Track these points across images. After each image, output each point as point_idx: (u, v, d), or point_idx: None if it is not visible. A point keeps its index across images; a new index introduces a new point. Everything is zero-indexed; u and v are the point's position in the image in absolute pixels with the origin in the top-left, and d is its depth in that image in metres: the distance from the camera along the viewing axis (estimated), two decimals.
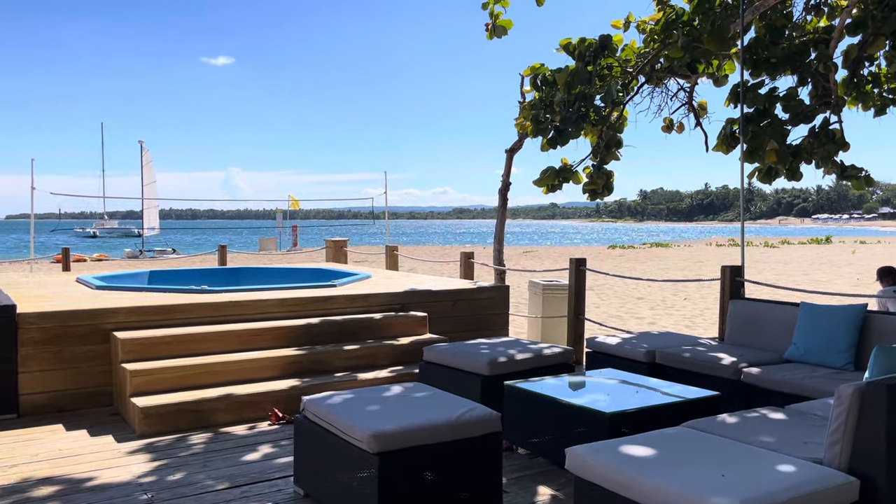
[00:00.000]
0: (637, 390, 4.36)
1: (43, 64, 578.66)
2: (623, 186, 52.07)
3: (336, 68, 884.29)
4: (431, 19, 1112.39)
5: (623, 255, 36.69)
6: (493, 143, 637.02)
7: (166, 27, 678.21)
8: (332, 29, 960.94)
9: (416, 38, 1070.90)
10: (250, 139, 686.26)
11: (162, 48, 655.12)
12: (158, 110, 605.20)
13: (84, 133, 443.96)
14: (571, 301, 7.43)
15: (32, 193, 15.73)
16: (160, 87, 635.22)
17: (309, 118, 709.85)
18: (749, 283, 6.60)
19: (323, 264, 11.78)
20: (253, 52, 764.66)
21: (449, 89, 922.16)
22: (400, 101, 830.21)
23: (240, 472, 4.23)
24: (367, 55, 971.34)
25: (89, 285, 7.46)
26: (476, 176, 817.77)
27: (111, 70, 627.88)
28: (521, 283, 16.89)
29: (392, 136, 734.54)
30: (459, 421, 3.43)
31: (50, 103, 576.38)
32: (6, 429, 5.07)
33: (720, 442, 3.01)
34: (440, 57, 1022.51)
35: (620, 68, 7.54)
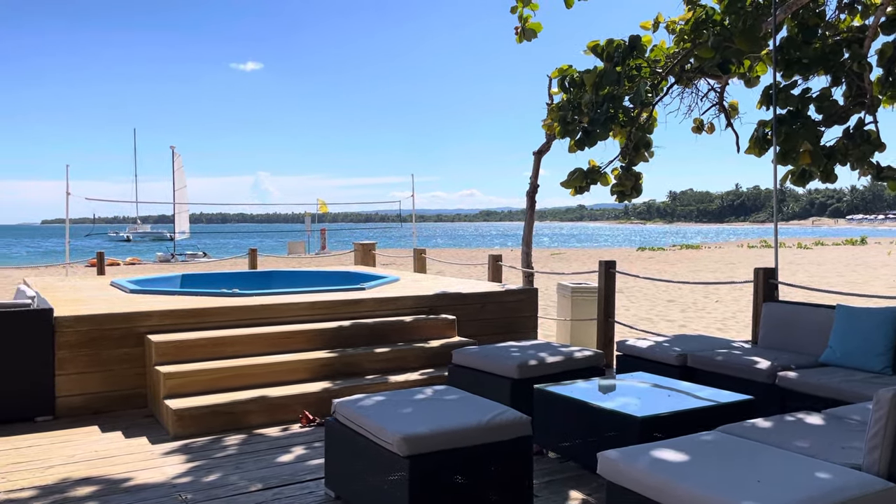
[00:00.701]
0: (669, 394, 4.31)
1: (77, 70, 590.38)
2: (652, 188, 51.98)
3: (363, 72, 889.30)
4: (459, 23, 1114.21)
5: (652, 256, 36.34)
6: (520, 145, 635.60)
7: (197, 34, 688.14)
8: (360, 33, 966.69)
9: (443, 42, 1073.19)
10: (279, 143, 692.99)
11: (192, 55, 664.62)
12: (189, 116, 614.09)
13: (117, 139, 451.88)
14: (601, 303, 7.38)
15: (67, 199, 16.04)
16: (191, 93, 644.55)
17: (337, 122, 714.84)
18: (783, 286, 6.50)
19: (351, 267, 11.85)
20: (281, 58, 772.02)
21: (476, 92, 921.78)
22: (427, 104, 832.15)
23: (272, 473, 4.26)
24: (395, 58, 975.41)
25: (123, 289, 7.59)
26: (503, 178, 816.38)
27: (143, 76, 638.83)
28: (550, 285, 16.81)
29: (419, 140, 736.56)
30: (490, 424, 3.43)
31: (84, 110, 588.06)
32: (43, 430, 5.18)
33: (756, 447, 2.97)
34: (468, 60, 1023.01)
35: (650, 69, 7.48)
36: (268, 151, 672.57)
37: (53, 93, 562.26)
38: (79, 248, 50.19)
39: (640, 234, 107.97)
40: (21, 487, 4.02)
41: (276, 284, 10.27)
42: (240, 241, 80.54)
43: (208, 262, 33.44)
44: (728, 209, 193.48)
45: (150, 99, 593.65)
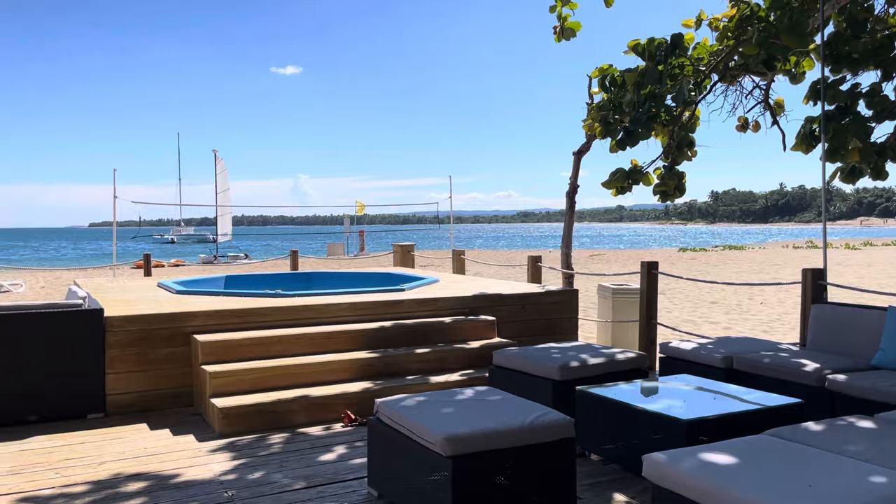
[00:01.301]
0: (714, 397, 4.25)
1: (122, 75, 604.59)
2: (693, 187, 50.67)
3: (402, 75, 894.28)
4: (497, 24, 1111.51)
5: (694, 258, 35.77)
6: (558, 145, 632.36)
7: (238, 40, 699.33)
8: (399, 37, 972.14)
9: (482, 43, 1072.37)
10: (317, 146, 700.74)
11: (234, 60, 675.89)
12: (230, 120, 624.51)
13: (162, 143, 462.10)
14: (643, 305, 7.29)
15: (115, 202, 16.46)
16: (232, 98, 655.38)
17: (375, 124, 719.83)
18: (831, 287, 6.34)
19: (391, 268, 11.92)
20: (320, 62, 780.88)
21: (514, 93, 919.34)
22: (465, 105, 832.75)
23: (315, 472, 4.31)
24: (434, 61, 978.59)
25: (170, 290, 7.76)
26: (540, 179, 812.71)
27: (186, 81, 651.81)
28: (590, 286, 16.67)
29: (457, 141, 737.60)
30: (533, 425, 3.42)
31: (130, 114, 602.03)
32: (95, 427, 5.32)
33: (806, 451, 2.91)
34: (506, 61, 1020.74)
35: (692, 67, 7.37)
36: (307, 154, 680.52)
37: (100, 97, 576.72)
38: (125, 251, 51.42)
39: (681, 234, 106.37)
40: (75, 482, 4.14)
41: (317, 285, 10.39)
42: (280, 242, 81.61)
43: (250, 263, 33.97)
44: (772, 209, 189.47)
45: (193, 104, 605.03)
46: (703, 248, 47.48)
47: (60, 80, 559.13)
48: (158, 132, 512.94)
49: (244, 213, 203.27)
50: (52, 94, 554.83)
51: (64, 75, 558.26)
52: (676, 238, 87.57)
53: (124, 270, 26.84)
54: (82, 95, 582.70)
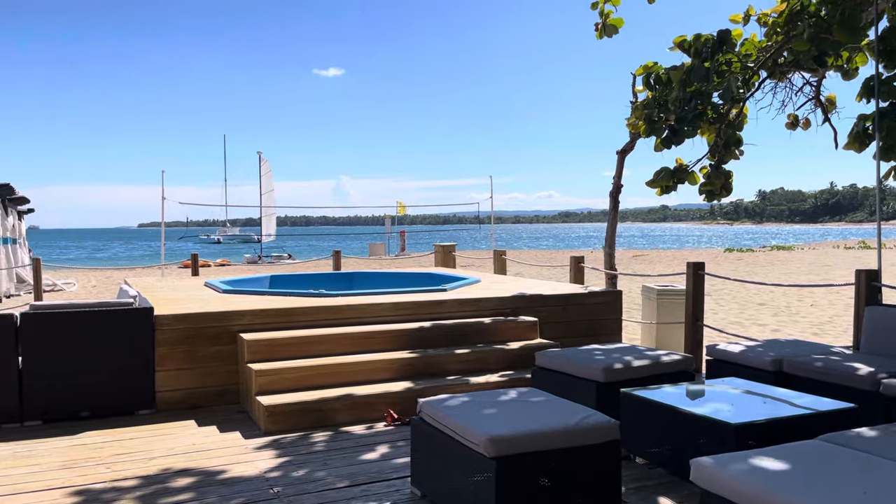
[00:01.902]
0: (764, 401, 4.15)
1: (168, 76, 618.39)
2: (739, 187, 49.61)
3: (442, 75, 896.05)
4: (537, 22, 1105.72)
5: (741, 258, 35.04)
6: (599, 145, 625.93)
7: (281, 42, 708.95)
8: (439, 37, 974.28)
9: (523, 41, 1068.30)
10: (359, 147, 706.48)
11: (277, 63, 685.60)
12: (274, 122, 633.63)
13: (208, 145, 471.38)
14: (689, 306, 7.17)
15: (163, 203, 16.83)
16: (276, 100, 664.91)
17: (416, 125, 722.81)
18: (887, 289, 6.14)
19: (432, 269, 11.95)
20: (361, 63, 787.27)
21: (555, 91, 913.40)
22: (505, 105, 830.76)
23: (359, 470, 4.34)
24: (474, 60, 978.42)
25: (217, 289, 7.90)
26: (582, 179, 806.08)
27: (231, 85, 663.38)
28: (633, 287, 16.45)
29: (497, 141, 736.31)
30: (577, 427, 3.39)
31: (177, 117, 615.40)
32: (145, 423, 5.45)
33: (861, 457, 2.82)
34: (547, 59, 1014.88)
35: (740, 63, 7.21)
36: (348, 155, 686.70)
37: (148, 100, 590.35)
38: (172, 250, 52.55)
39: (726, 234, 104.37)
40: (125, 477, 4.24)
41: (359, 285, 10.47)
42: (322, 242, 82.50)
43: (293, 263, 34.41)
44: (822, 209, 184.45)
45: (237, 106, 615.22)
46: (750, 249, 46.47)
47: (110, 82, 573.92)
48: (204, 134, 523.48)
49: (287, 214, 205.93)
50: (103, 97, 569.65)
51: (113, 78, 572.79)
52: (722, 238, 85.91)
53: (172, 270, 27.43)
54: (130, 98, 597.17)
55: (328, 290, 8.08)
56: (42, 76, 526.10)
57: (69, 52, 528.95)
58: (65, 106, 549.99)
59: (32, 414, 5.42)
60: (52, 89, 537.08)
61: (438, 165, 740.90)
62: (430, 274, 10.37)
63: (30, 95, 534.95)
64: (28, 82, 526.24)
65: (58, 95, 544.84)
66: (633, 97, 8.31)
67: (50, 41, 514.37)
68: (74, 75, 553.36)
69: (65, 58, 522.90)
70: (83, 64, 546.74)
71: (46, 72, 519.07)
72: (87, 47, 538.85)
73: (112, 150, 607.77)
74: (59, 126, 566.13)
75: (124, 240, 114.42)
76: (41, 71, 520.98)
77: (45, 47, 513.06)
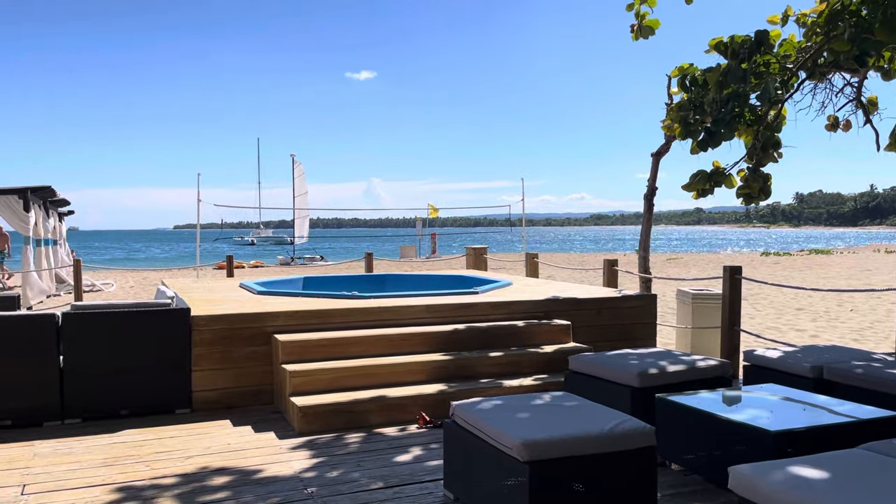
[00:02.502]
0: (804, 408, 4.07)
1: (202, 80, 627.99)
2: (776, 189, 48.32)
3: (474, 76, 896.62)
4: (571, 23, 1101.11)
5: (778, 262, 34.43)
6: (632, 147, 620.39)
7: (314, 46, 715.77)
8: (470, 39, 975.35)
9: (555, 43, 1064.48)
10: (390, 149, 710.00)
11: (310, 66, 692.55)
12: (307, 124, 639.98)
13: (241, 147, 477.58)
14: (725, 311, 7.06)
15: (199, 205, 17.09)
16: (309, 103, 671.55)
17: (447, 127, 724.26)
18: None
19: (463, 271, 11.95)
20: (393, 66, 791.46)
21: (587, 93, 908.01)
22: (537, 107, 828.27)
23: (392, 472, 4.36)
24: (506, 61, 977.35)
25: (251, 290, 8.00)
26: (614, 181, 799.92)
27: (264, 88, 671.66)
28: (667, 291, 16.27)
29: (528, 143, 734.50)
30: (612, 433, 3.36)
31: (211, 120, 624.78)
32: (182, 422, 5.53)
33: None
34: (580, 60, 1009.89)
35: (779, 65, 7.09)
36: (380, 158, 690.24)
37: (184, 104, 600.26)
38: (207, 252, 53.31)
39: (763, 238, 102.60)
40: (164, 475, 4.32)
41: (392, 287, 10.51)
42: (354, 244, 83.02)
43: (325, 265, 34.68)
44: (862, 212, 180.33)
45: (271, 109, 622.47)
46: (788, 252, 45.63)
47: (147, 88, 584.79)
48: (238, 137, 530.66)
49: (319, 216, 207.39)
50: (140, 102, 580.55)
51: (150, 83, 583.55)
52: (758, 241, 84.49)
53: (207, 271, 27.82)
54: (167, 102, 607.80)
55: (361, 291, 8.13)
56: (84, 83, 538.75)
57: (107, 58, 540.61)
58: (103, 111, 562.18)
59: (73, 412, 5.55)
60: (93, 95, 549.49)
61: (470, 168, 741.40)
62: (461, 276, 10.37)
63: (72, 101, 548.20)
64: (71, 89, 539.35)
65: (98, 101, 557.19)
66: (669, 99, 8.22)
67: (89, 48, 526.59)
68: (114, 81, 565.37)
69: (105, 63, 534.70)
70: (121, 70, 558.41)
71: (87, 78, 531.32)
72: (123, 54, 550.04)
73: (149, 154, 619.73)
74: (98, 130, 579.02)
75: (160, 241, 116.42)
76: (83, 77, 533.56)
77: (85, 55, 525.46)
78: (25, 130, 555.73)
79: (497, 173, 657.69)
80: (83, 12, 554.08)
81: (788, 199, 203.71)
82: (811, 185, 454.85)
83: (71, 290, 18.88)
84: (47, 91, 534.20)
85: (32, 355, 5.44)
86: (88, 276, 22.74)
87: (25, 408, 5.41)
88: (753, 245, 71.98)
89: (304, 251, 51.30)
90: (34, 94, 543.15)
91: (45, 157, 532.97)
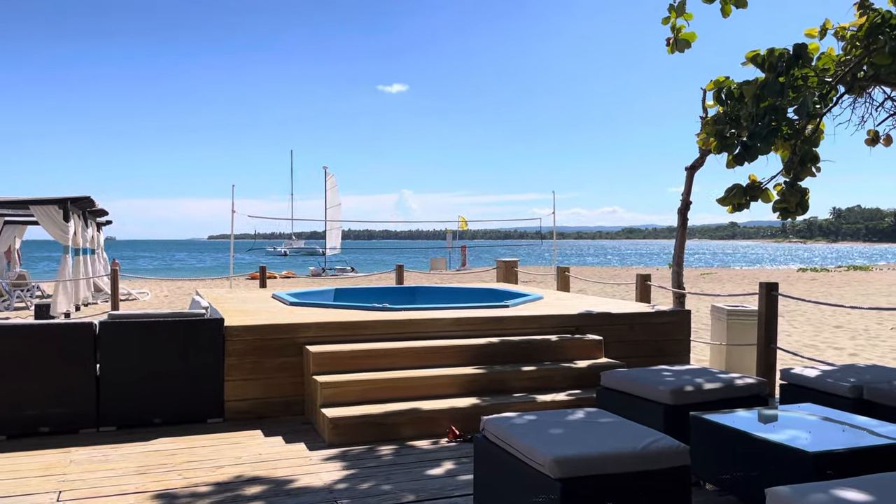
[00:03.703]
0: (843, 429, 3.97)
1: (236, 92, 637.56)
2: (813, 204, 47.00)
3: (506, 90, 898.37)
4: (605, 36, 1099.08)
5: (815, 278, 33.76)
6: (666, 160, 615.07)
7: (346, 59, 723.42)
8: (501, 51, 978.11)
9: (588, 55, 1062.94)
10: (421, 162, 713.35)
11: (342, 79, 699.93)
12: (339, 137, 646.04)
13: (274, 159, 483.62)
14: (761, 328, 6.94)
15: (233, 216, 17.33)
16: (341, 115, 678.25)
17: (478, 140, 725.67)
18: None
19: (494, 284, 11.91)
20: (425, 79, 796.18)
21: (620, 105, 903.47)
22: (569, 120, 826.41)
23: (422, 486, 4.35)
24: (538, 74, 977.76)
25: (283, 301, 8.06)
26: (647, 195, 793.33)
27: (298, 100, 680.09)
28: (700, 307, 16.04)
29: (560, 156, 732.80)
30: (646, 451, 3.31)
31: (245, 132, 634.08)
32: (215, 432, 5.58)
33: None
34: (611, 73, 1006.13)
35: (817, 78, 6.98)
36: (411, 170, 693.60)
37: (218, 116, 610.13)
38: (240, 262, 53.95)
39: (799, 253, 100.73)
40: (196, 484, 4.36)
41: (422, 300, 10.52)
42: (384, 256, 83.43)
43: (355, 276, 34.87)
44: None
45: (304, 121, 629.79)
46: (825, 269, 44.72)
47: (181, 100, 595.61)
48: (272, 149, 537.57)
49: (350, 228, 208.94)
50: (175, 113, 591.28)
51: (183, 95, 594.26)
52: (794, 257, 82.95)
53: (240, 281, 28.13)
54: (202, 114, 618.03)
55: (391, 303, 8.15)
56: (121, 95, 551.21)
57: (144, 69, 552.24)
58: (138, 122, 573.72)
59: (108, 420, 5.63)
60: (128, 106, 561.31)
61: (500, 180, 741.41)
62: (492, 289, 10.34)
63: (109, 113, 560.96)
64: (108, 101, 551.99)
65: (133, 112, 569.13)
66: (704, 112, 8.14)
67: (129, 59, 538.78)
68: (150, 93, 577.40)
69: (140, 75, 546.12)
70: (159, 81, 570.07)
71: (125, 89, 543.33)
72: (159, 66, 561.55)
73: (184, 165, 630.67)
74: (135, 142, 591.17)
75: (195, 251, 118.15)
76: (120, 88, 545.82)
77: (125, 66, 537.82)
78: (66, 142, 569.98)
79: (527, 186, 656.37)
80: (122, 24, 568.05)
81: (825, 214, 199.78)
82: (849, 200, 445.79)
83: (107, 299, 19.24)
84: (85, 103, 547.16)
85: (70, 363, 5.55)
86: (124, 285, 23.15)
87: (63, 415, 5.51)
88: (789, 260, 70.70)
89: (336, 262, 51.66)
90: (75, 107, 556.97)
91: (84, 168, 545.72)
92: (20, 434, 5.39)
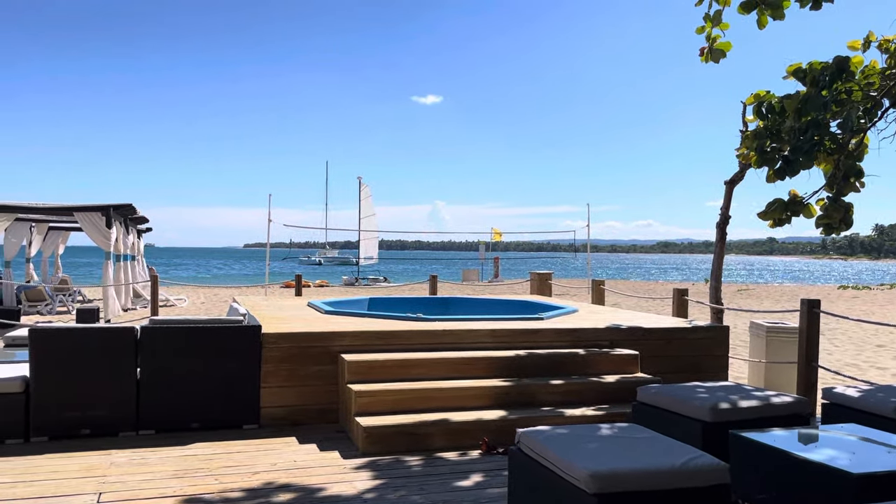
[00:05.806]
0: (888, 450, 3.86)
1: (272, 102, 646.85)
2: (855, 220, 45.77)
3: (540, 102, 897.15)
4: (640, 47, 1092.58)
5: (857, 296, 32.96)
6: (702, 173, 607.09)
7: (381, 70, 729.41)
8: (535, 62, 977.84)
9: (622, 67, 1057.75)
10: (455, 173, 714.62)
11: (377, 90, 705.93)
12: (373, 147, 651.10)
13: (310, 168, 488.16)
14: (802, 346, 6.80)
15: (269, 225, 17.54)
16: (376, 126, 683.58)
17: (512, 151, 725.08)
18: None
19: (528, 296, 11.87)
20: (459, 90, 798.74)
21: (657, 118, 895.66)
22: (604, 132, 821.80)
23: (453, 498, 4.34)
24: (572, 87, 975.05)
25: (319, 310, 8.14)
26: (683, 208, 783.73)
27: (333, 111, 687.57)
28: (738, 323, 15.77)
29: (594, 168, 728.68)
30: (684, 469, 3.26)
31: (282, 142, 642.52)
32: (250, 438, 5.65)
33: None
34: (649, 84, 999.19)
35: (861, 92, 6.85)
36: (444, 181, 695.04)
37: (263, 124, 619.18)
38: (275, 270, 54.58)
39: (839, 270, 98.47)
40: (231, 489, 4.41)
41: (455, 310, 10.52)
42: (417, 266, 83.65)
43: (388, 286, 35.03)
44: None
45: (339, 131, 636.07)
46: (867, 286, 43.63)
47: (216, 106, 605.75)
48: (307, 158, 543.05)
49: (383, 238, 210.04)
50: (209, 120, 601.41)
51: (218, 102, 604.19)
52: (835, 274, 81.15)
53: (274, 289, 28.45)
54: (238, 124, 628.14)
55: (425, 314, 8.17)
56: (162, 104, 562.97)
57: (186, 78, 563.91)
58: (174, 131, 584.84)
59: (147, 423, 5.73)
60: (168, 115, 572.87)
61: (533, 192, 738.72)
62: (526, 302, 10.30)
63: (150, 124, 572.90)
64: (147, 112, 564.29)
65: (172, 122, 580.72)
66: (744, 126, 8.04)
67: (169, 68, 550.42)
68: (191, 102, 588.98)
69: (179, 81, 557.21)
70: (199, 90, 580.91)
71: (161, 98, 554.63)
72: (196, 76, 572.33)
73: (221, 174, 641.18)
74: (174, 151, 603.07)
75: (231, 259, 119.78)
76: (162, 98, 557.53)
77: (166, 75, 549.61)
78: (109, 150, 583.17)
79: (561, 198, 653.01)
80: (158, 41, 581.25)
81: (868, 231, 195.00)
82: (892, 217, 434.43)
83: (147, 305, 19.61)
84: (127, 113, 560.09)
85: (112, 367, 5.66)
86: (162, 291, 23.57)
87: (104, 417, 5.62)
88: (830, 278, 69.16)
89: (369, 272, 51.97)
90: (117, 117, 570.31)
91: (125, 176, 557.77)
92: (62, 436, 5.52)
